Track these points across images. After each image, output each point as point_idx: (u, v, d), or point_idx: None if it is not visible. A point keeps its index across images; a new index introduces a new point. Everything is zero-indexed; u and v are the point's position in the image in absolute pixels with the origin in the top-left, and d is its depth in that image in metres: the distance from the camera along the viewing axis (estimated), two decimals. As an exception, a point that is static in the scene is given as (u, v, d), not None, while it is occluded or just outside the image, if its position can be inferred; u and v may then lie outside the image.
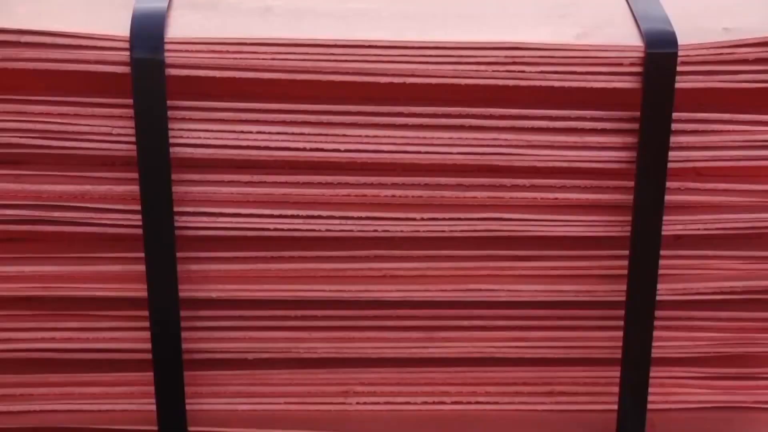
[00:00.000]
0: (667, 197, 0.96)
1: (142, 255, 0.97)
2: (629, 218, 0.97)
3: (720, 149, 0.96)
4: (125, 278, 0.98)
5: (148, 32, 0.92)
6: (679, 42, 0.92)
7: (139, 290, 0.98)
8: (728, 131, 0.95)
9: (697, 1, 0.99)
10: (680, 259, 0.99)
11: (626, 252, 0.98)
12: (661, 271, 0.98)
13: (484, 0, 1.00)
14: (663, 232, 0.97)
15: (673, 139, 0.95)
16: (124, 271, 0.98)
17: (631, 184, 0.96)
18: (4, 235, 0.98)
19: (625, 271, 0.99)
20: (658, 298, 0.99)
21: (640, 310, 0.99)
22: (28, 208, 0.96)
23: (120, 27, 0.92)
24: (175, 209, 0.96)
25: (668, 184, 0.96)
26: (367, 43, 0.93)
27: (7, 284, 0.98)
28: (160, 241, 0.96)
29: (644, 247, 0.97)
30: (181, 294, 0.98)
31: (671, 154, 0.95)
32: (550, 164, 0.97)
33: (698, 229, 0.98)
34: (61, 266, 0.98)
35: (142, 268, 0.97)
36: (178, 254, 0.97)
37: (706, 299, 1.01)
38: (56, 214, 0.97)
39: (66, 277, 0.98)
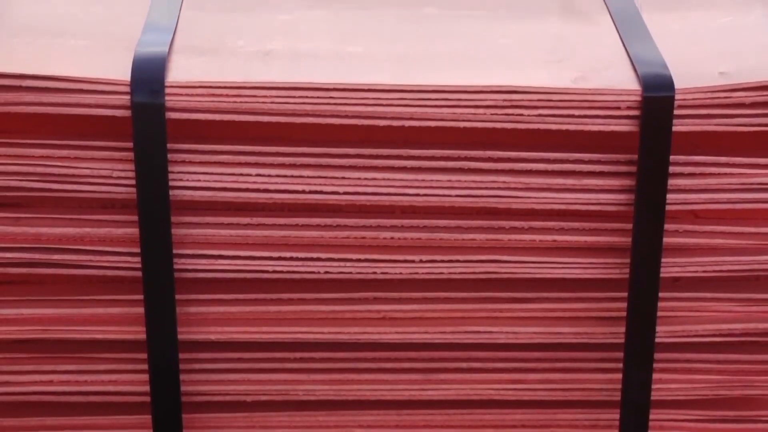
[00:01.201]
0: (665, 239, 0.97)
1: (141, 297, 0.97)
2: (627, 260, 0.98)
3: (717, 192, 0.96)
4: (124, 321, 0.99)
5: (148, 76, 0.92)
6: (676, 86, 0.93)
7: (138, 333, 0.98)
8: (725, 174, 0.96)
9: (693, 46, 1.00)
10: (679, 302, 1.00)
11: (625, 294, 0.98)
12: (659, 314, 0.98)
13: (481, 43, 1.01)
14: (661, 275, 0.97)
15: (671, 182, 0.95)
16: (123, 313, 0.98)
17: (629, 226, 0.97)
18: (3, 278, 0.98)
19: (624, 314, 0.99)
20: (657, 340, 0.99)
21: (639, 353, 0.99)
22: (28, 251, 0.97)
23: (121, 71, 0.93)
24: (175, 251, 0.96)
25: (666, 226, 0.96)
26: (365, 87, 0.93)
27: (6, 327, 0.98)
28: (160, 284, 0.96)
29: (643, 289, 0.97)
30: (180, 336, 0.98)
31: (669, 196, 0.95)
32: (548, 207, 0.97)
33: (696, 272, 0.99)
34: (59, 309, 0.98)
35: (140, 310, 0.98)
36: (177, 296, 0.97)
37: (704, 342, 1.01)
38: (55, 256, 0.97)
39: (64, 320, 0.98)
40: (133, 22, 1.00)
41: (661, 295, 0.98)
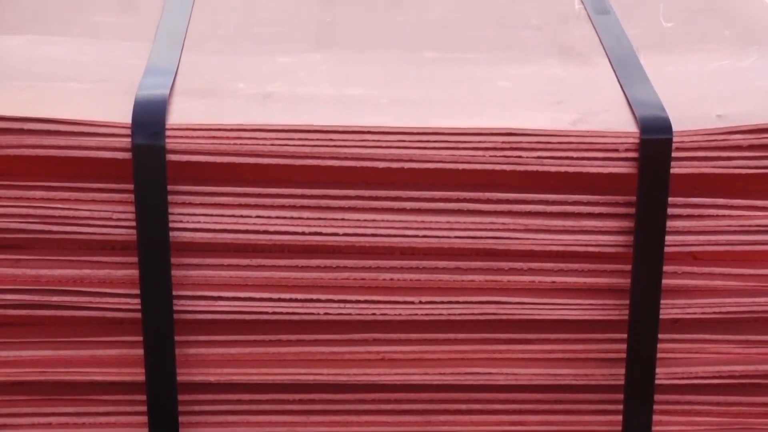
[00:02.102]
0: (664, 281, 0.97)
1: (141, 339, 0.97)
2: (627, 302, 0.98)
3: (716, 234, 0.97)
4: (123, 362, 0.98)
5: (149, 119, 0.93)
6: (674, 128, 0.94)
7: (137, 374, 0.98)
8: (724, 216, 0.96)
9: (691, 88, 1.01)
10: (678, 343, 1.00)
11: (624, 336, 0.98)
12: (659, 355, 0.98)
13: (480, 86, 1.01)
14: (661, 316, 0.97)
15: (669, 224, 0.96)
16: (122, 355, 0.98)
17: (628, 267, 0.97)
18: (2, 320, 0.98)
19: (624, 355, 0.99)
20: (656, 382, 0.99)
21: (639, 394, 0.99)
22: (27, 292, 0.97)
23: (122, 114, 0.93)
24: (174, 293, 0.96)
25: (665, 268, 0.96)
26: (365, 129, 0.94)
27: (5, 369, 0.98)
28: (159, 325, 0.96)
29: (642, 330, 0.97)
30: (179, 378, 0.98)
31: (667, 238, 0.96)
32: (548, 248, 0.97)
33: (696, 313, 0.99)
34: (58, 351, 0.98)
35: (140, 352, 0.97)
36: (177, 338, 0.97)
37: (705, 383, 1.01)
38: (55, 298, 0.97)
39: (63, 362, 0.98)
40: (133, 64, 1.01)
41: (660, 336, 0.98)
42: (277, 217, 0.96)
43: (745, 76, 1.03)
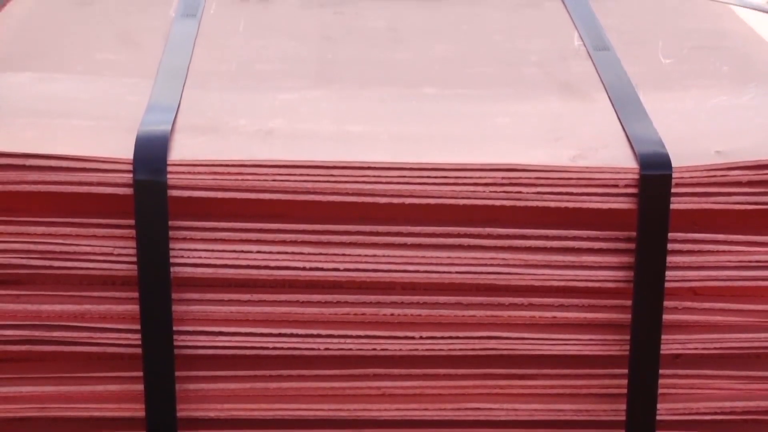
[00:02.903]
0: (664, 316, 0.97)
1: (141, 374, 0.97)
2: (627, 337, 0.98)
3: (716, 269, 0.97)
4: (123, 398, 0.98)
5: (151, 155, 0.93)
6: (673, 164, 0.94)
7: (137, 410, 0.98)
8: (723, 252, 0.96)
9: (690, 125, 1.01)
10: (680, 379, 0.99)
11: (625, 371, 0.98)
12: (660, 391, 0.98)
13: (480, 122, 1.02)
14: (662, 351, 0.97)
15: (670, 259, 0.96)
16: (122, 390, 0.98)
17: (629, 303, 0.97)
18: (3, 355, 0.98)
19: (625, 391, 0.98)
20: (658, 417, 0.99)
21: (640, 430, 0.99)
22: (28, 328, 0.97)
23: (124, 150, 0.94)
24: (175, 328, 0.96)
25: (665, 303, 0.96)
26: (365, 165, 0.94)
27: (5, 405, 0.98)
28: (159, 361, 0.96)
29: (643, 366, 0.97)
30: (180, 413, 0.98)
31: (668, 273, 0.96)
32: (548, 283, 0.97)
33: (697, 349, 0.99)
34: (58, 386, 0.98)
35: (140, 387, 0.97)
36: (177, 373, 0.97)
37: (706, 419, 1.00)
38: (56, 334, 0.97)
39: (63, 398, 0.98)
40: (136, 101, 1.01)
41: (661, 372, 0.98)
42: (278, 253, 0.96)
43: (743, 112, 1.04)
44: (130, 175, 0.93)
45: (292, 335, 0.98)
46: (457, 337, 0.98)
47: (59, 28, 1.18)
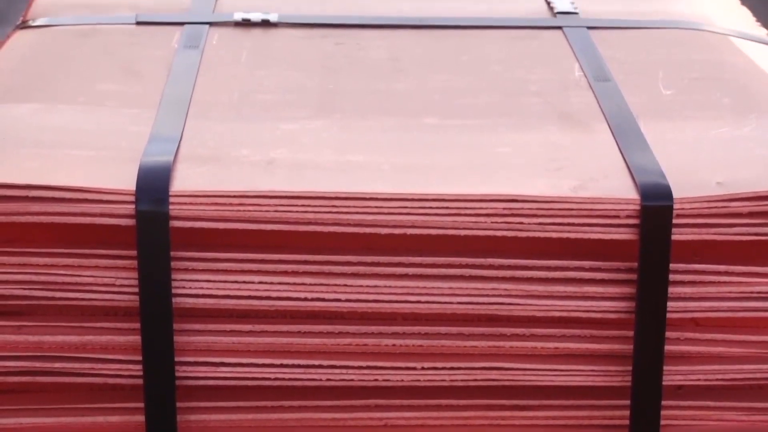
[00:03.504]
0: (666, 347, 0.97)
1: (142, 405, 0.96)
2: (629, 368, 0.97)
3: (718, 300, 0.97)
4: (124, 429, 0.98)
5: (153, 186, 0.93)
6: (674, 195, 0.94)
7: (138, 441, 0.98)
8: (725, 283, 0.96)
9: (691, 155, 1.02)
10: (682, 410, 0.99)
11: (627, 402, 0.98)
12: (663, 422, 0.98)
13: (481, 152, 1.02)
14: (664, 383, 0.97)
15: (671, 290, 0.96)
16: (123, 421, 0.98)
17: (631, 333, 0.97)
18: (4, 387, 0.98)
19: (627, 422, 0.98)
20: (660, 449, 0.99)
21: (642, 461, 0.98)
22: (29, 359, 0.96)
23: (126, 180, 0.94)
24: (176, 359, 0.96)
25: (668, 334, 0.96)
26: (367, 196, 0.94)
27: (6, 436, 0.98)
28: (161, 392, 0.96)
29: (645, 397, 0.97)
30: (181, 445, 0.98)
31: (670, 304, 0.96)
32: (550, 314, 0.97)
33: (699, 380, 0.98)
34: (59, 417, 0.98)
35: (141, 418, 0.97)
36: (178, 404, 0.97)
37: (709, 451, 1.00)
38: (57, 365, 0.97)
39: (64, 429, 0.98)
40: (138, 132, 1.02)
41: (664, 403, 0.97)
42: (280, 283, 0.96)
43: (744, 143, 1.04)
44: (133, 206, 0.93)
45: (293, 366, 0.98)
46: (459, 368, 0.98)
47: (61, 59, 1.18)
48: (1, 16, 2.67)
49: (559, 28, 1.26)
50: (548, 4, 1.33)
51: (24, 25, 1.27)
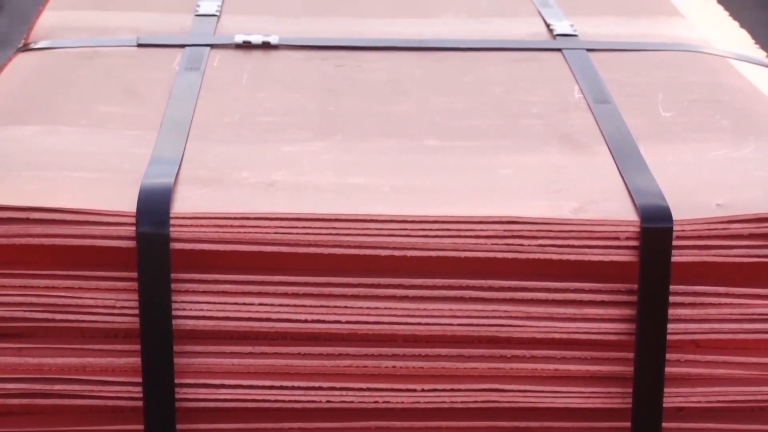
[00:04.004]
0: (667, 369, 0.97)
1: (142, 428, 0.96)
2: (630, 390, 0.97)
3: (718, 322, 0.97)
4: (124, 451, 0.98)
5: (154, 208, 0.94)
6: (674, 217, 0.94)
7: (139, 463, 0.98)
8: (725, 304, 0.96)
9: (690, 177, 1.02)
10: (683, 432, 0.99)
11: (628, 424, 0.98)
12: (663, 444, 0.98)
13: (481, 174, 1.02)
14: (664, 404, 0.97)
15: (671, 312, 0.96)
16: (123, 443, 0.98)
17: (631, 355, 0.97)
18: (4, 409, 0.98)
19: (628, 444, 0.98)
20: (661, 471, 0.98)
21: (643, 484, 0.98)
22: (29, 381, 0.96)
23: (127, 203, 0.94)
24: (176, 381, 0.96)
25: (668, 356, 0.96)
26: (367, 218, 0.94)
27: (5, 458, 0.98)
28: (161, 414, 0.96)
29: (646, 419, 0.97)
30: (181, 467, 0.98)
31: (670, 326, 0.96)
32: (550, 335, 0.97)
33: (700, 402, 0.98)
34: (59, 439, 0.98)
35: (141, 440, 0.97)
36: (178, 426, 0.97)
37: (709, 473, 1.00)
38: (57, 387, 0.97)
39: (64, 451, 0.98)
40: (139, 154, 1.02)
41: (664, 425, 0.97)
42: (280, 305, 0.96)
43: (743, 165, 1.04)
44: (133, 228, 0.93)
45: (293, 388, 0.97)
46: (459, 390, 0.98)
47: (63, 81, 1.19)
48: (2, 38, 2.68)
49: (559, 50, 1.26)
50: (548, 26, 1.33)
51: (26, 48, 1.28)
